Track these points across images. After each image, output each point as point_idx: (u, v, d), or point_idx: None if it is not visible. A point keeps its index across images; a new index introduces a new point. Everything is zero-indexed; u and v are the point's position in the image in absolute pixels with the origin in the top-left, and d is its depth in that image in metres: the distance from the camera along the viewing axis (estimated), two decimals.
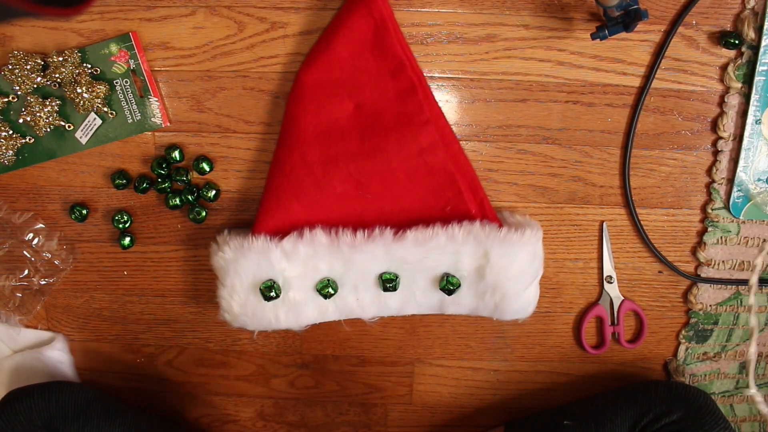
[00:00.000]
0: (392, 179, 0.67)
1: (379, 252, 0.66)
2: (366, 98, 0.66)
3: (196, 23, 0.68)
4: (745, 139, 0.69)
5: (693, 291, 0.76)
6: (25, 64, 0.68)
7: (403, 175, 0.67)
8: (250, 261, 0.66)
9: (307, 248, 0.66)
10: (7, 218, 0.75)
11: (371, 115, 0.66)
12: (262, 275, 0.67)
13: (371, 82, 0.66)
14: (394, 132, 0.66)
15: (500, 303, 0.69)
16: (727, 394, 0.80)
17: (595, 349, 0.78)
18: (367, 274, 0.68)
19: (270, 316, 0.68)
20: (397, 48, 0.65)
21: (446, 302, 0.69)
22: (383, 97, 0.66)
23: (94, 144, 0.71)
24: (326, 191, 0.67)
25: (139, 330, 0.81)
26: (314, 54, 0.66)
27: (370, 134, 0.66)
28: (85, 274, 0.78)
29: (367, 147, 0.66)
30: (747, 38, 0.67)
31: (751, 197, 0.72)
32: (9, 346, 0.80)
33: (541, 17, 0.67)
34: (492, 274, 0.67)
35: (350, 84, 0.66)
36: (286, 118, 0.68)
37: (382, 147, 0.66)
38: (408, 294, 0.69)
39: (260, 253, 0.66)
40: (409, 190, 0.68)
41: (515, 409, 0.83)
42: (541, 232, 0.70)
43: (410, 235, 0.66)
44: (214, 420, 0.85)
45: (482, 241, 0.66)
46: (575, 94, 0.70)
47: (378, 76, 0.65)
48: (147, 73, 0.69)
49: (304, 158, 0.66)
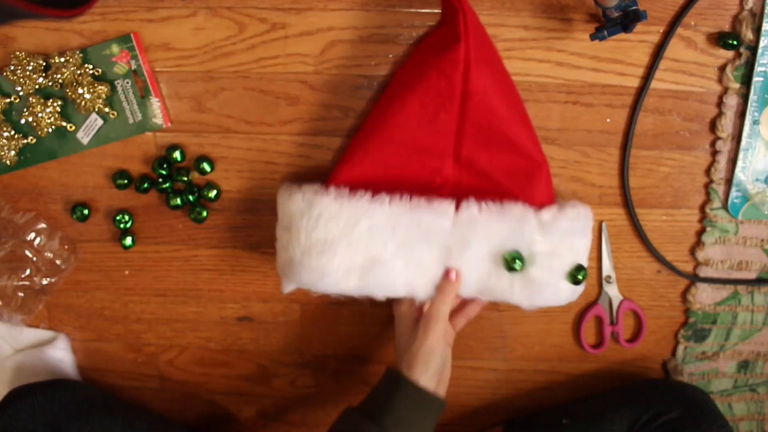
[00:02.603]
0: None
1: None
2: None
3: (197, 24, 0.69)
4: (744, 139, 0.70)
5: (691, 291, 0.76)
6: (27, 64, 0.68)
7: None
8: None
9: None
10: (9, 218, 0.75)
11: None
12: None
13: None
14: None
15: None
16: (725, 393, 0.81)
17: (594, 349, 0.79)
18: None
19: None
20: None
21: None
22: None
23: (96, 144, 0.72)
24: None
25: (140, 329, 0.81)
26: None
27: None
28: (86, 274, 0.78)
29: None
30: (745, 39, 0.67)
31: (750, 197, 0.72)
32: (11, 346, 0.80)
33: (541, 18, 0.68)
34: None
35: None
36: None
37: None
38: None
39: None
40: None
41: (514, 409, 0.83)
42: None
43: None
44: (214, 419, 0.85)
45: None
46: (574, 94, 0.70)
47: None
48: (148, 74, 0.69)
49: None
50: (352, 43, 0.69)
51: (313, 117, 0.71)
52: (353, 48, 0.69)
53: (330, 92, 0.70)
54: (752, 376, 0.80)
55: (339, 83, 0.70)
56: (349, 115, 0.71)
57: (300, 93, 0.70)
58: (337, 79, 0.70)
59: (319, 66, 0.69)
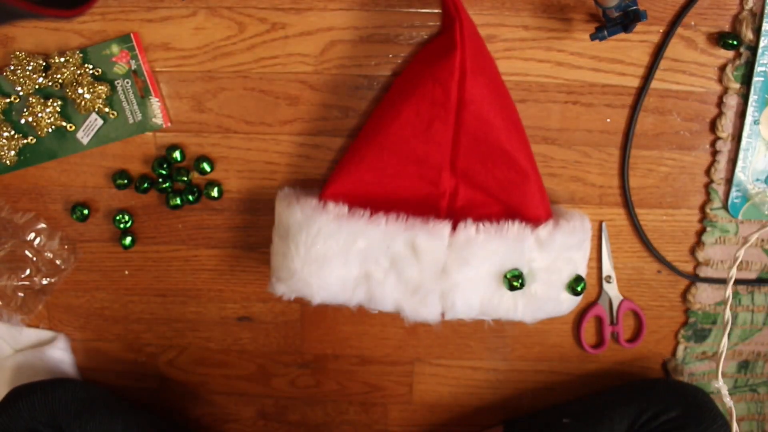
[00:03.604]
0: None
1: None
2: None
3: (197, 24, 0.69)
4: (744, 139, 0.70)
5: (691, 291, 0.76)
6: (27, 64, 0.68)
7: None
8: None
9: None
10: (8, 218, 0.75)
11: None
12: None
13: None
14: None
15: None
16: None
17: (595, 349, 0.79)
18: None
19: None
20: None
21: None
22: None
23: (96, 144, 0.72)
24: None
25: (140, 329, 0.81)
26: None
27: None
28: (86, 274, 0.78)
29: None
30: (745, 39, 0.67)
31: (750, 197, 0.72)
32: (11, 346, 0.80)
33: (541, 18, 0.68)
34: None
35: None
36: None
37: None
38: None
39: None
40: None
41: (515, 409, 0.83)
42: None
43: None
44: (214, 419, 0.85)
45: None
46: (574, 94, 0.70)
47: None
48: (148, 74, 0.69)
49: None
50: (352, 43, 0.69)
51: (313, 117, 0.71)
52: (353, 48, 0.69)
53: (330, 92, 0.70)
54: (752, 377, 0.80)
55: (339, 83, 0.70)
56: (349, 115, 0.71)
57: (300, 93, 0.70)
58: (337, 79, 0.70)
59: (319, 66, 0.69)
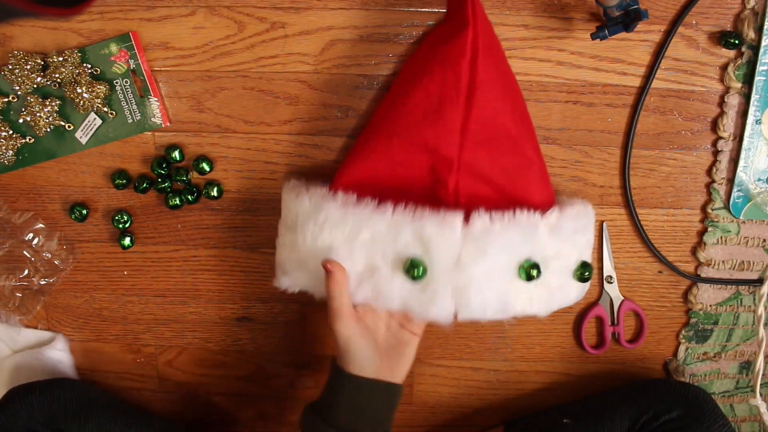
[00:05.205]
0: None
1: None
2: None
3: (196, 23, 0.68)
4: (745, 139, 0.69)
5: (693, 291, 0.76)
6: (25, 64, 0.68)
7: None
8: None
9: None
10: (7, 218, 0.75)
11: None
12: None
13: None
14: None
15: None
16: (727, 394, 0.80)
17: (595, 349, 0.78)
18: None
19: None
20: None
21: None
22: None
23: (94, 144, 0.71)
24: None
25: (139, 330, 0.81)
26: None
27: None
28: (85, 274, 0.78)
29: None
30: (747, 38, 0.67)
31: (751, 197, 0.72)
32: (9, 346, 0.80)
33: (541, 17, 0.67)
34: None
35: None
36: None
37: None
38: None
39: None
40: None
41: (515, 409, 0.83)
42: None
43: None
44: (214, 419, 0.85)
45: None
46: (575, 94, 0.70)
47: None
48: (147, 73, 0.69)
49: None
50: (352, 43, 0.68)
51: (312, 117, 0.71)
52: (353, 47, 0.68)
53: (330, 92, 0.70)
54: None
55: (339, 83, 0.70)
56: (349, 114, 0.71)
57: (300, 92, 0.70)
58: (337, 78, 0.70)
59: (319, 65, 0.69)
